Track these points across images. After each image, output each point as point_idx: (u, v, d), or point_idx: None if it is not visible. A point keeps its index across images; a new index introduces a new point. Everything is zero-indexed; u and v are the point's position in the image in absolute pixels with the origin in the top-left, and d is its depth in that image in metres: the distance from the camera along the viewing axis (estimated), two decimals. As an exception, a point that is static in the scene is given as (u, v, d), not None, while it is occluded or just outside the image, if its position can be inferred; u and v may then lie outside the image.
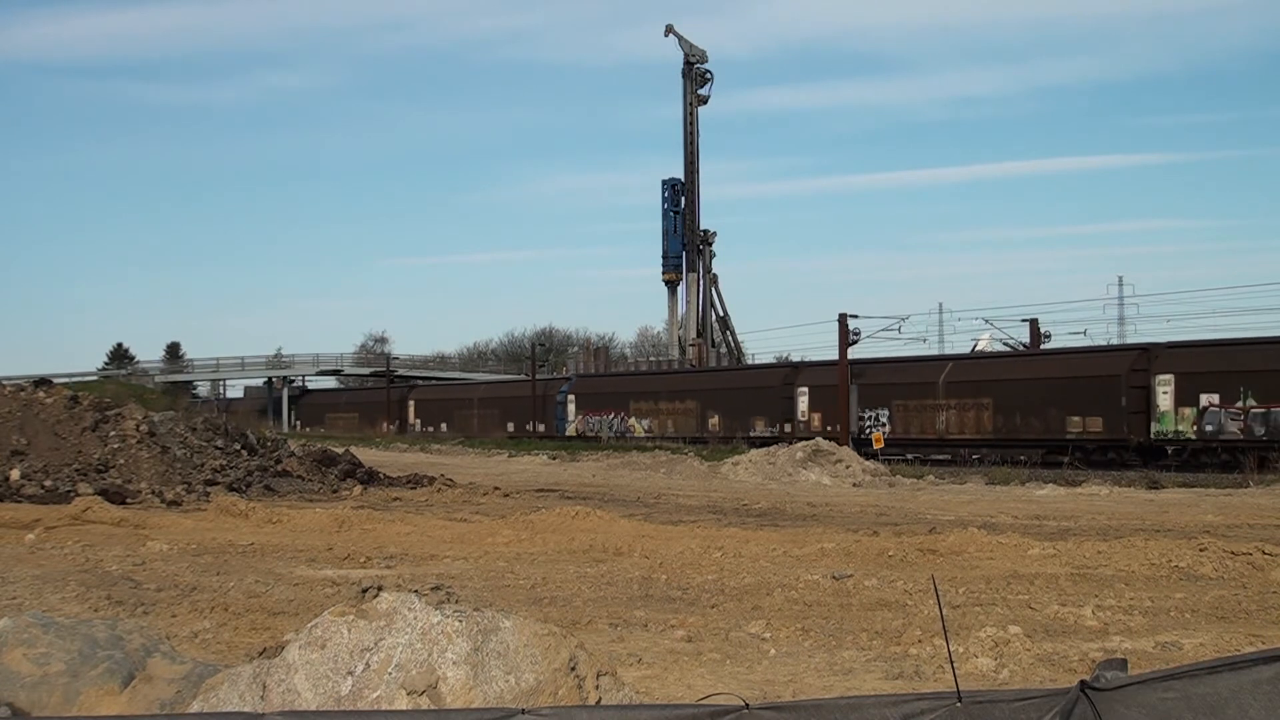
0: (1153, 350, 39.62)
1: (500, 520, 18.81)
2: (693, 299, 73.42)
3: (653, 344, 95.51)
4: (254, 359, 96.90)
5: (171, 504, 21.91)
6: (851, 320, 44.77)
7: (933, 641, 8.67)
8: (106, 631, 5.17)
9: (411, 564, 13.89)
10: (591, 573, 12.89)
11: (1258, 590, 11.38)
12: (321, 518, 19.01)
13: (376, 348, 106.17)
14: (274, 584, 11.89)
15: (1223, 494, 26.04)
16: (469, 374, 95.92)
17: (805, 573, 12.55)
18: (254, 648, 7.15)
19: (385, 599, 4.67)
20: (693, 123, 73.62)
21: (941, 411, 43.35)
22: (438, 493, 26.56)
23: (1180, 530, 17.05)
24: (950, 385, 43.29)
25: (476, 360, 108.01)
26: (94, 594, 10.55)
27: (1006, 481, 31.06)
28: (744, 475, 33.57)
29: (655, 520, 19.57)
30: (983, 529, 16.16)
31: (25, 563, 13.03)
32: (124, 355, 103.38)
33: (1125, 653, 8.44)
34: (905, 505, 23.47)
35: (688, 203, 73.47)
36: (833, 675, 7.92)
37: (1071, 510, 21.80)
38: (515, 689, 4.38)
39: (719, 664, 8.28)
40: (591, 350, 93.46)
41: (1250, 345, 37.57)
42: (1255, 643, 8.86)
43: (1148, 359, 38.70)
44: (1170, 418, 37.16)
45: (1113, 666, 3.45)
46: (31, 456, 23.86)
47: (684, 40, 73.52)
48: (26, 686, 4.79)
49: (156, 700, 4.82)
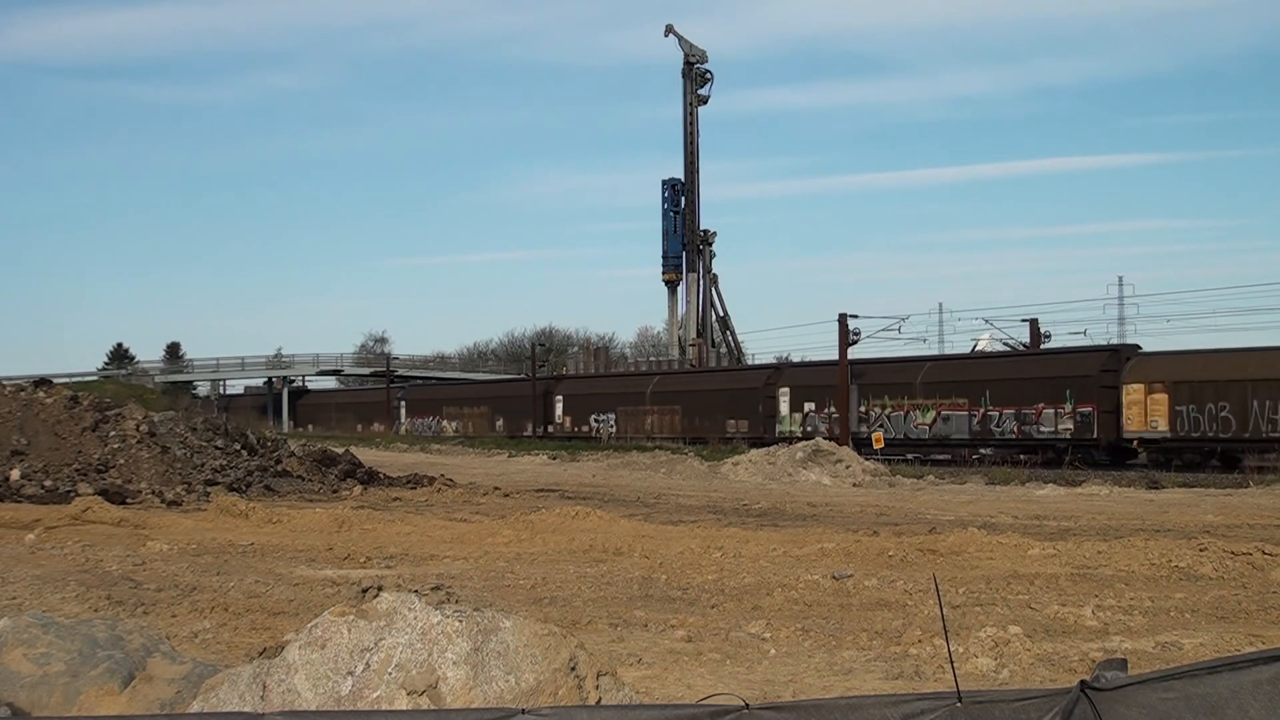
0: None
1: (500, 520, 18.81)
2: (693, 299, 73.44)
3: (653, 344, 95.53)
4: (254, 359, 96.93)
5: (171, 504, 21.91)
6: (851, 320, 44.81)
7: (933, 641, 8.67)
8: (106, 631, 5.17)
9: (411, 564, 13.90)
10: (591, 573, 12.89)
11: (1258, 590, 11.39)
12: (321, 518, 19.01)
13: (376, 348, 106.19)
14: (274, 584, 11.89)
15: (1223, 494, 26.05)
16: (468, 374, 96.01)
17: (805, 573, 12.55)
18: (254, 648, 7.15)
19: (385, 599, 4.67)
20: (693, 123, 73.64)
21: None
22: (438, 493, 26.56)
23: (1180, 530, 17.05)
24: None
25: (476, 360, 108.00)
26: (94, 594, 10.54)
27: (1006, 481, 31.07)
28: (744, 475, 33.59)
29: (655, 520, 19.58)
30: (983, 529, 16.16)
31: (25, 563, 13.03)
32: (124, 355, 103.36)
33: (1125, 653, 8.44)
34: (905, 505, 23.47)
35: (688, 203, 73.49)
36: (833, 675, 7.92)
37: (1071, 510, 21.80)
38: (515, 689, 4.38)
39: (719, 664, 8.28)
40: (591, 350, 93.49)
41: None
42: (1255, 643, 8.86)
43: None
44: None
45: (1113, 666, 3.45)
46: (31, 456, 23.86)
47: (684, 40, 73.55)
48: (26, 686, 4.79)
49: (156, 700, 4.82)
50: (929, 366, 46.48)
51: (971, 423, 42.99)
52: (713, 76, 74.03)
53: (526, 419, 64.62)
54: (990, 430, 42.56)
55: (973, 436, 43.00)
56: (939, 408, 44.07)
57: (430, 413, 74.76)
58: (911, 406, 44.95)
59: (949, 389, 44.04)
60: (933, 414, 44.27)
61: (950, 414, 43.68)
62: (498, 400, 70.30)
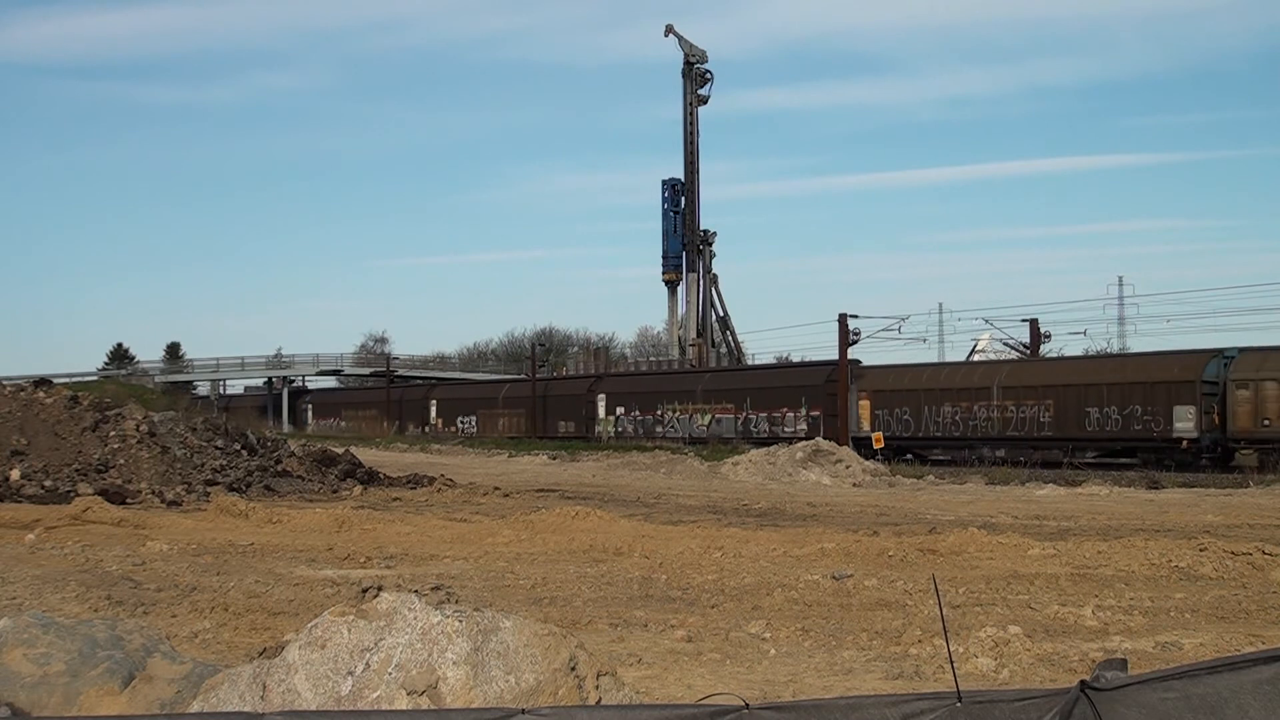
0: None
1: (500, 520, 18.81)
2: (693, 299, 73.37)
3: (653, 344, 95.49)
4: (254, 359, 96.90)
5: (171, 504, 21.90)
6: (851, 320, 44.81)
7: (933, 641, 8.67)
8: (106, 631, 5.17)
9: (411, 564, 13.89)
10: (591, 573, 12.89)
11: (1258, 590, 11.39)
12: (321, 518, 19.00)
13: (376, 348, 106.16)
14: (274, 584, 11.88)
15: (1223, 494, 26.06)
16: (468, 374, 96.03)
17: (805, 573, 12.55)
18: (254, 648, 7.15)
19: (385, 599, 4.67)
20: (692, 123, 73.59)
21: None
22: (438, 493, 26.57)
23: (1180, 530, 17.05)
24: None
25: (476, 360, 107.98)
26: (94, 594, 10.54)
27: (1006, 481, 31.09)
28: (744, 475, 33.59)
29: (655, 520, 19.58)
30: (983, 529, 16.16)
31: (25, 563, 13.03)
32: (124, 355, 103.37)
33: (1125, 653, 8.44)
34: (905, 505, 23.47)
35: (688, 203, 73.43)
36: (833, 675, 7.91)
37: (1071, 510, 21.80)
38: (515, 689, 4.38)
39: (719, 664, 8.28)
40: (591, 350, 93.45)
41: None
42: (1255, 643, 8.86)
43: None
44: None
45: (1113, 666, 3.45)
46: (31, 456, 23.86)
47: (684, 40, 73.49)
48: (26, 686, 4.79)
49: (157, 700, 4.82)
50: (708, 377, 58.01)
51: (737, 424, 52.78)
52: (713, 76, 74.00)
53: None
54: (750, 430, 51.63)
55: (737, 435, 51.77)
56: (714, 411, 54.21)
57: (462, 412, 75.10)
58: (695, 410, 55.34)
59: (721, 396, 54.42)
60: (710, 416, 54.30)
61: (721, 417, 53.77)
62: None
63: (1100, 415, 38.95)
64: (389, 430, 71.97)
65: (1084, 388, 39.64)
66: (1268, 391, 35.19)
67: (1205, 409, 36.46)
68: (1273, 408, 35.07)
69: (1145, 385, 37.85)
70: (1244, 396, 35.55)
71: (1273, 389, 35.13)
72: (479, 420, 69.35)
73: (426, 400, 74.83)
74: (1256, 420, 35.33)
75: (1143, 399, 37.89)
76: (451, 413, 72.41)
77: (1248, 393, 35.48)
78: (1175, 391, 37.15)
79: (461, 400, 73.52)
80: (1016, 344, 53.77)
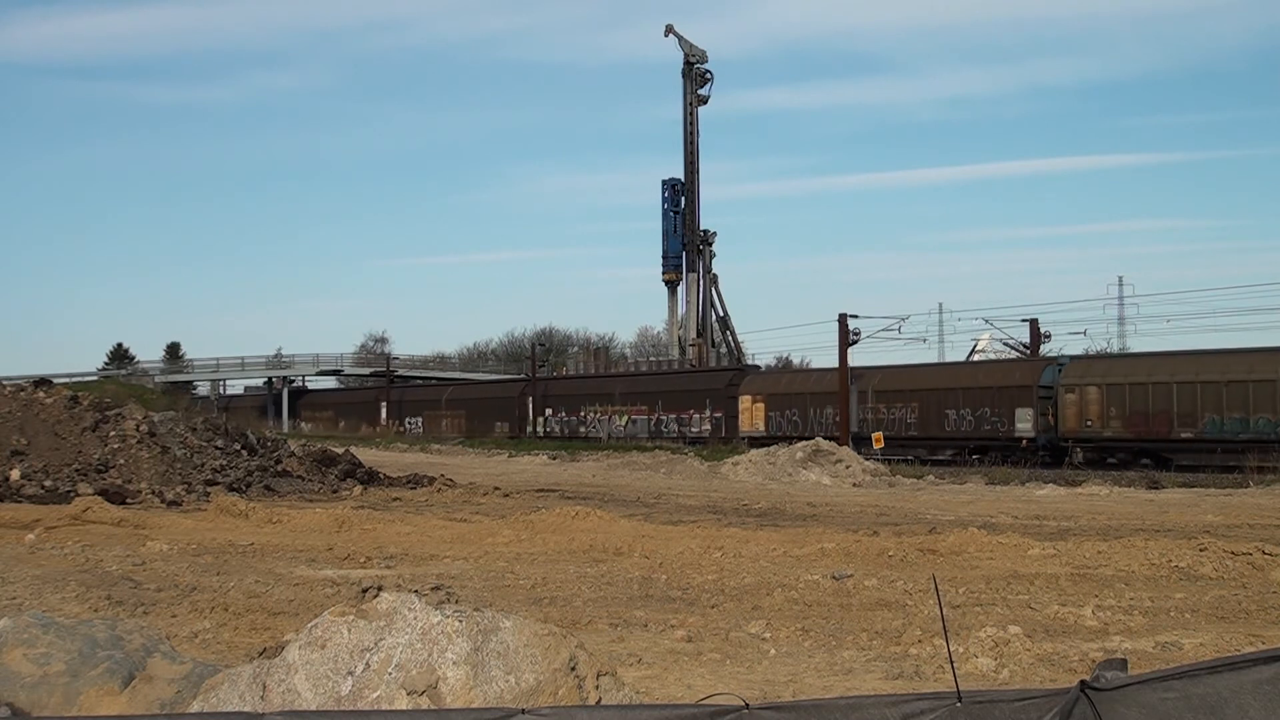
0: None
1: (500, 520, 18.81)
2: (693, 299, 73.35)
3: (653, 344, 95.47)
4: (254, 359, 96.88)
5: (171, 504, 21.90)
6: (851, 320, 44.78)
7: (933, 641, 8.67)
8: (106, 631, 5.17)
9: (411, 564, 13.89)
10: (591, 573, 12.89)
11: (1258, 590, 11.39)
12: (321, 518, 19.00)
13: (376, 348, 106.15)
14: (274, 584, 11.88)
15: (1223, 494, 26.06)
16: (468, 374, 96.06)
17: (805, 573, 12.55)
18: (254, 648, 7.15)
19: (385, 599, 4.67)
20: (692, 123, 73.58)
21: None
22: (438, 493, 26.56)
23: (1180, 530, 17.05)
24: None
25: (476, 360, 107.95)
26: (94, 594, 10.54)
27: (1006, 481, 31.08)
28: (744, 475, 33.58)
29: (655, 520, 19.57)
30: (983, 529, 16.16)
31: (25, 563, 13.03)
32: (124, 355, 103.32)
33: (1125, 653, 8.44)
34: (905, 505, 23.47)
35: (688, 203, 73.42)
36: (833, 675, 7.91)
37: (1071, 510, 21.80)
38: (515, 689, 4.38)
39: (719, 664, 8.28)
40: (591, 350, 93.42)
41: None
42: (1255, 643, 8.86)
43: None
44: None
45: (1113, 666, 3.45)
46: (31, 456, 23.86)
47: (684, 40, 73.47)
48: (26, 686, 4.79)
49: (157, 700, 4.82)
50: (625, 381, 64.00)
51: (650, 423, 58.83)
52: (712, 76, 73.98)
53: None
54: (661, 430, 57.65)
55: (650, 434, 57.49)
56: (630, 412, 60.05)
57: (410, 414, 78.93)
58: (614, 411, 60.96)
59: (636, 398, 60.25)
60: (626, 417, 60.13)
61: (636, 417, 59.62)
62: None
63: (956, 417, 43.10)
64: (359, 430, 75.51)
65: (944, 392, 43.87)
66: (1090, 395, 39.16)
67: (1041, 411, 40.51)
68: (1094, 410, 39.00)
69: (993, 390, 42.07)
70: (1071, 400, 39.49)
71: (1094, 393, 39.05)
72: (424, 421, 74.32)
73: (378, 402, 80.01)
74: (1081, 421, 39.32)
75: (991, 402, 42.10)
76: (400, 414, 77.15)
77: (1074, 396, 39.45)
78: (1017, 396, 41.36)
79: (410, 402, 78.41)
80: (1016, 344, 53.74)
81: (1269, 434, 34.96)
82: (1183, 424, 36.82)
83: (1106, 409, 38.74)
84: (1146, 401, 37.76)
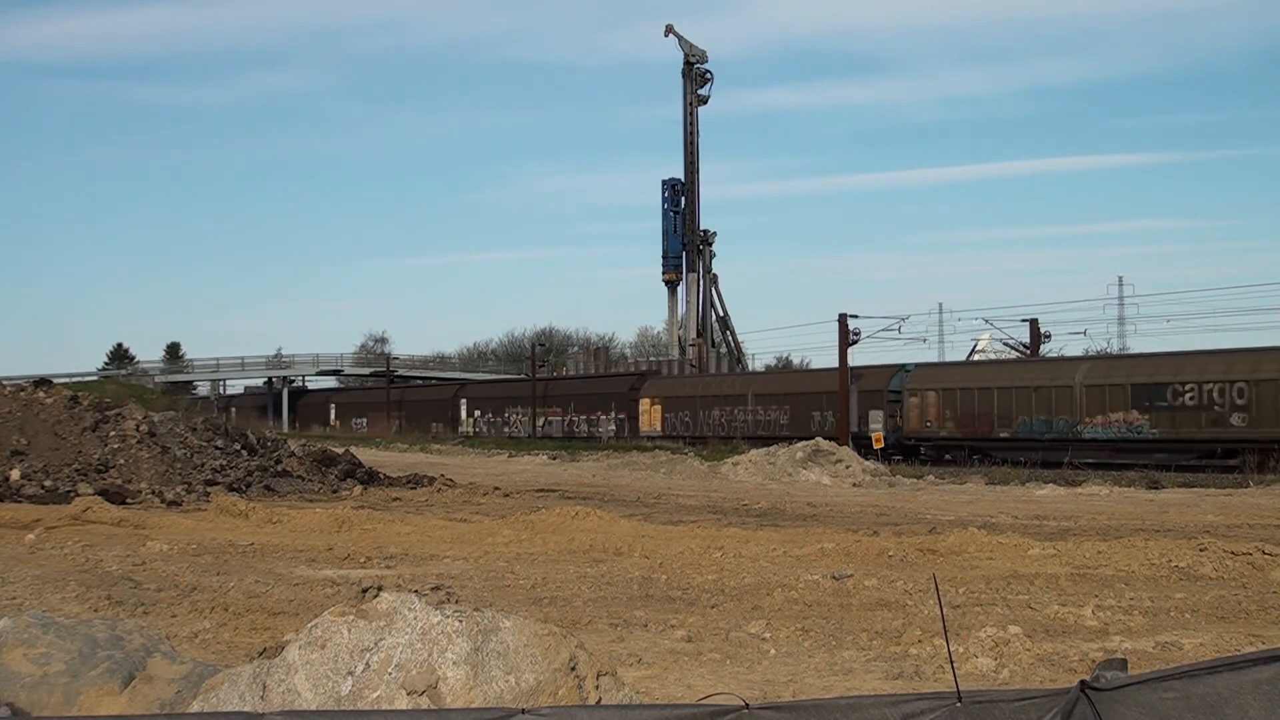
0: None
1: (500, 520, 18.80)
2: (693, 299, 73.34)
3: (653, 344, 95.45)
4: (254, 359, 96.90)
5: (171, 504, 21.90)
6: (851, 320, 44.78)
7: (933, 641, 8.67)
8: (106, 631, 5.17)
9: (411, 564, 13.89)
10: (591, 573, 12.89)
11: (1258, 590, 11.39)
12: (321, 518, 19.00)
13: (376, 348, 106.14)
14: (274, 584, 11.88)
15: (1223, 494, 26.06)
16: (469, 374, 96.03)
17: (805, 573, 12.55)
18: (254, 648, 7.15)
19: (385, 599, 4.67)
20: (692, 123, 73.56)
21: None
22: (438, 493, 26.56)
23: (1180, 530, 17.05)
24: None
25: (476, 360, 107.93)
26: (94, 594, 10.54)
27: (1006, 481, 31.08)
28: (744, 475, 33.58)
29: (655, 520, 19.57)
30: (983, 529, 16.16)
31: (25, 563, 13.02)
32: (124, 355, 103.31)
33: (1125, 653, 8.44)
34: (905, 505, 23.47)
35: (688, 203, 73.40)
36: (833, 675, 7.91)
37: (1071, 510, 21.80)
38: (515, 689, 4.38)
39: (719, 664, 8.28)
40: (591, 350, 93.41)
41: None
42: (1255, 643, 8.86)
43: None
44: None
45: (1113, 666, 3.45)
46: (31, 456, 23.85)
47: (684, 40, 73.45)
48: (26, 686, 4.79)
49: (157, 700, 4.82)
50: (542, 385, 67.36)
51: (563, 424, 63.60)
52: (712, 76, 73.95)
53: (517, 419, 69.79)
54: (573, 430, 62.38)
55: (564, 435, 61.99)
56: (546, 414, 64.68)
57: (355, 415, 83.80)
58: (542, 413, 65.15)
59: (552, 401, 65.08)
60: (543, 418, 64.67)
61: (552, 419, 64.42)
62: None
63: (822, 417, 47.41)
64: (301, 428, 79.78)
65: (812, 395, 48.90)
66: (929, 399, 43.72)
67: (890, 413, 44.57)
68: (933, 412, 43.61)
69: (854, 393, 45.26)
70: (914, 403, 44.10)
71: (933, 397, 43.57)
72: (369, 421, 79.58)
73: (327, 404, 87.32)
74: (922, 422, 43.80)
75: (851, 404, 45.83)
76: (347, 415, 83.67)
77: (916, 400, 44.01)
78: (871, 399, 45.43)
79: (355, 404, 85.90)
80: (1016, 344, 53.75)
81: (1067, 433, 39.36)
82: (1001, 425, 41.42)
83: (943, 411, 43.21)
84: (974, 405, 42.30)
